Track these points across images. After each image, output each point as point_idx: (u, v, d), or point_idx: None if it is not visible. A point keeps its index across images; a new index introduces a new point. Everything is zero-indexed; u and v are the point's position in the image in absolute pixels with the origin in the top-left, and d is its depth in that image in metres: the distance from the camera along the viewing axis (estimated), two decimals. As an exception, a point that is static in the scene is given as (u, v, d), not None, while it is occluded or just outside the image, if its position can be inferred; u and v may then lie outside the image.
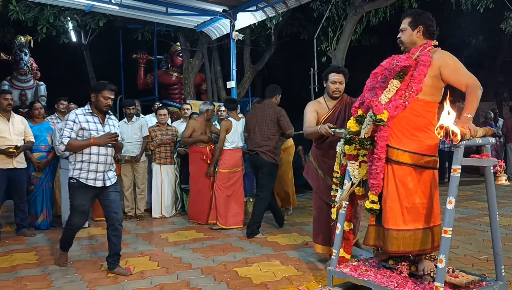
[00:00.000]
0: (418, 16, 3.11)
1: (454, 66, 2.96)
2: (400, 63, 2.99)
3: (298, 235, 5.22)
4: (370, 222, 3.27)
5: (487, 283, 2.97)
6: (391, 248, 3.00)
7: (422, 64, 2.97)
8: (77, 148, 3.81)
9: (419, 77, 2.95)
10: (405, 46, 3.16)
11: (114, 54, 14.22)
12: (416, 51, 3.06)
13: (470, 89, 2.86)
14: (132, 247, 4.79)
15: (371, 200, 3.11)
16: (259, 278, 3.71)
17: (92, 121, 3.89)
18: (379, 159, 2.98)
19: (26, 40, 9.77)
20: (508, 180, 3.13)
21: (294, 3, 6.42)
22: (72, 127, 3.81)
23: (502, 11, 9.66)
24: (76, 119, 3.84)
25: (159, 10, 6.77)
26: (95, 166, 3.85)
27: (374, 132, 3.02)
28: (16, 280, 3.77)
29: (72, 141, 3.80)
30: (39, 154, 5.66)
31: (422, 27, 3.09)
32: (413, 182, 2.98)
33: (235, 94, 7.13)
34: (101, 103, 3.87)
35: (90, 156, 3.84)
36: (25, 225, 5.47)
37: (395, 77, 3.03)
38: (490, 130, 2.86)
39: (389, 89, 3.03)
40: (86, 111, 3.91)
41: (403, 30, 3.15)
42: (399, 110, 2.96)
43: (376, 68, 3.19)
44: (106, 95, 3.85)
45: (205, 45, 11.49)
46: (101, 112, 3.94)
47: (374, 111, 2.95)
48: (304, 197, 8.00)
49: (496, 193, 3.05)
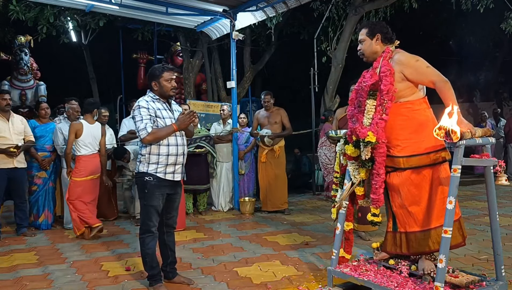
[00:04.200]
0: (374, 25, 3.23)
1: (414, 66, 2.99)
2: (367, 83, 3.08)
3: (298, 235, 5.22)
4: (387, 228, 3.32)
5: (487, 283, 2.97)
6: (423, 249, 3.03)
7: (384, 75, 3.02)
8: (161, 137, 3.32)
9: (386, 88, 2.99)
10: (366, 56, 3.24)
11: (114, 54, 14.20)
12: (377, 64, 3.12)
13: (438, 87, 2.89)
14: (132, 247, 4.79)
15: (373, 213, 3.17)
16: (259, 278, 3.71)
17: (162, 108, 3.43)
18: (378, 175, 3.03)
19: (26, 40, 9.77)
20: (508, 180, 3.13)
21: (294, 3, 6.41)
22: (150, 114, 3.32)
23: (502, 11, 9.66)
24: (147, 105, 3.35)
25: (159, 10, 6.77)
26: (174, 159, 3.40)
27: (373, 150, 3.05)
28: (16, 280, 3.77)
29: (155, 130, 3.30)
30: (43, 154, 5.68)
31: (380, 35, 3.17)
32: (426, 181, 3.00)
33: (235, 94, 7.12)
34: (166, 89, 3.41)
35: (168, 148, 3.37)
36: (25, 225, 5.47)
37: (368, 97, 3.11)
38: (490, 131, 2.86)
39: (367, 110, 3.10)
40: (153, 97, 3.44)
41: (362, 41, 3.24)
42: (381, 125, 3.00)
43: (351, 94, 3.30)
44: (168, 77, 3.41)
45: (205, 45, 11.48)
46: (166, 98, 3.49)
47: (360, 137, 3.01)
48: (304, 197, 8.00)
49: (496, 193, 3.05)
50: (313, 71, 8.89)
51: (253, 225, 5.83)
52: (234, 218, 6.36)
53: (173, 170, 3.42)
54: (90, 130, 5.28)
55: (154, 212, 3.39)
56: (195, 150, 6.38)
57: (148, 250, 3.40)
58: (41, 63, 10.31)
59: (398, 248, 3.18)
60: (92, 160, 5.30)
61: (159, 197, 3.38)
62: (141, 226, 3.45)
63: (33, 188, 5.67)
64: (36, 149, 5.58)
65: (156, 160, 3.35)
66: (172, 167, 3.41)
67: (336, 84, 9.36)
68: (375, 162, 3.03)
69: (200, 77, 12.93)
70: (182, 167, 3.51)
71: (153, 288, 3.43)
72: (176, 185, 3.52)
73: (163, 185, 3.40)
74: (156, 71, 3.44)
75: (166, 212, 3.54)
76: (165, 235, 3.57)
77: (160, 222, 3.51)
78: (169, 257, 3.60)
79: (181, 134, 3.49)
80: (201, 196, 6.67)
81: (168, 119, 3.41)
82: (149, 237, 3.40)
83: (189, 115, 3.38)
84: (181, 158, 3.46)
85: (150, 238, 3.40)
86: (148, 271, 3.46)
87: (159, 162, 3.35)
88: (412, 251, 3.11)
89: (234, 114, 6.99)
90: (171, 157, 3.38)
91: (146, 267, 3.46)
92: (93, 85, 13.97)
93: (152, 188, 3.35)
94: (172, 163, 3.40)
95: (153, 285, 3.43)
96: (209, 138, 6.70)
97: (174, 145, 3.40)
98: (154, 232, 3.42)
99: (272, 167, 6.56)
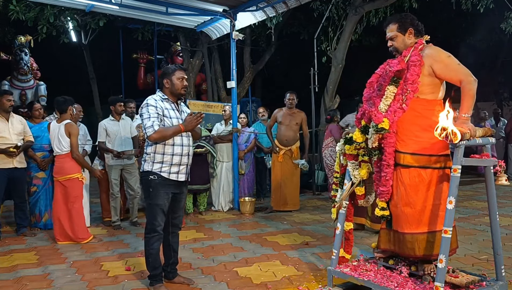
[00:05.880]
0: (404, 20, 3.11)
1: (445, 62, 2.93)
2: (393, 68, 2.99)
3: (298, 235, 5.22)
4: (381, 225, 3.29)
5: (487, 283, 2.97)
6: (408, 252, 3.01)
7: (413, 64, 2.96)
8: (167, 136, 3.33)
9: (412, 78, 2.94)
10: (400, 52, 3.13)
11: (114, 54, 14.20)
12: (407, 53, 3.05)
13: (463, 86, 2.84)
14: (132, 247, 4.79)
15: (381, 207, 3.10)
16: (259, 278, 3.71)
17: (170, 108, 3.43)
18: (388, 166, 2.98)
19: (26, 40, 9.77)
20: (508, 180, 3.13)
21: (294, 3, 6.40)
22: (158, 112, 3.33)
23: (502, 11, 9.66)
24: (156, 104, 3.35)
25: (159, 10, 6.77)
26: (179, 159, 3.40)
27: (381, 140, 3.02)
28: (16, 280, 3.77)
29: (162, 129, 3.30)
30: (42, 153, 5.67)
31: (413, 29, 3.09)
32: (424, 184, 2.95)
33: (235, 94, 7.12)
34: (177, 87, 3.42)
35: (173, 148, 3.37)
36: (25, 225, 5.47)
37: (390, 83, 3.03)
38: (490, 130, 2.86)
39: (386, 96, 3.03)
40: (162, 97, 3.45)
41: (394, 37, 3.13)
42: (398, 114, 2.96)
43: (371, 76, 3.19)
44: (180, 76, 3.43)
45: (205, 45, 11.48)
46: (176, 97, 3.50)
47: (374, 121, 2.95)
48: (304, 197, 8.00)
49: (496, 193, 3.05)
50: (313, 71, 8.89)
51: (253, 225, 5.83)
52: (234, 218, 6.36)
53: (177, 170, 3.41)
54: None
55: (160, 211, 3.37)
56: (196, 150, 6.38)
57: (152, 250, 3.39)
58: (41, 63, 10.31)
59: (392, 245, 3.15)
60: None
61: (164, 196, 3.37)
62: (146, 225, 3.44)
63: (32, 189, 5.67)
64: (33, 149, 5.57)
65: (161, 159, 3.35)
66: (177, 167, 3.40)
67: (336, 84, 9.36)
68: (385, 153, 2.98)
69: (200, 77, 12.94)
70: (186, 168, 3.50)
71: (153, 288, 3.43)
72: (181, 185, 3.51)
73: (168, 184, 3.39)
74: (169, 69, 3.48)
75: (172, 212, 3.54)
76: (170, 235, 3.57)
77: (166, 222, 3.50)
78: (172, 258, 3.61)
79: (187, 135, 3.49)
80: (201, 196, 6.66)
81: (175, 119, 3.40)
82: (154, 237, 3.39)
83: (196, 117, 3.39)
84: (185, 159, 3.45)
85: (155, 238, 3.39)
86: (150, 271, 3.46)
87: (164, 161, 3.36)
88: (401, 252, 3.08)
89: (234, 114, 6.99)
90: (175, 157, 3.38)
91: (149, 267, 3.46)
92: (93, 85, 13.97)
93: (156, 186, 3.35)
94: (176, 163, 3.40)
95: (153, 285, 3.43)
96: (209, 138, 6.70)
97: (180, 145, 3.40)
98: (160, 232, 3.40)
99: (288, 167, 6.62)
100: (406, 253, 3.03)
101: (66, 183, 5.00)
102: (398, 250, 3.10)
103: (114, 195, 5.74)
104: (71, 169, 5.01)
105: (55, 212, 5.07)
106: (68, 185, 5.00)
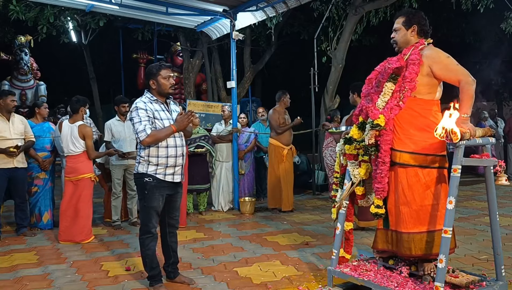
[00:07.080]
0: (412, 15, 3.12)
1: (444, 62, 2.94)
2: (392, 65, 3.01)
3: (298, 235, 5.22)
4: (378, 225, 3.29)
5: (487, 283, 2.97)
6: (405, 252, 3.01)
7: (412, 63, 2.97)
8: (160, 139, 3.30)
9: (410, 76, 2.95)
10: (398, 45, 3.16)
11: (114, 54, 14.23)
12: (407, 51, 3.06)
13: (462, 86, 2.84)
14: (132, 247, 4.79)
15: (376, 205, 3.09)
16: (259, 278, 3.71)
17: (160, 109, 3.38)
18: (384, 163, 2.98)
19: (26, 40, 9.80)
20: (508, 180, 3.13)
21: (294, 3, 6.40)
22: (148, 115, 3.29)
23: (502, 11, 9.66)
24: (145, 106, 3.31)
25: (159, 10, 6.77)
26: (174, 160, 3.38)
27: (377, 137, 3.02)
28: (16, 280, 3.77)
29: (155, 132, 3.28)
30: (44, 154, 5.68)
31: (416, 27, 3.09)
32: (420, 183, 2.95)
33: (235, 94, 7.12)
34: (164, 87, 3.36)
35: (167, 150, 3.34)
36: (25, 225, 5.47)
37: (388, 80, 3.05)
38: (490, 130, 2.86)
39: (384, 92, 3.05)
40: (150, 98, 3.39)
41: (397, 30, 3.15)
42: (394, 111, 2.97)
43: (371, 73, 3.19)
44: (166, 75, 3.36)
45: (205, 45, 11.49)
46: (165, 97, 3.45)
47: (370, 117, 2.97)
48: (304, 197, 8.00)
49: (496, 193, 3.05)
50: (313, 71, 8.89)
51: (253, 225, 5.83)
52: (234, 218, 6.35)
53: (172, 171, 3.40)
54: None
55: (154, 214, 3.37)
56: (195, 150, 6.38)
57: (148, 251, 3.39)
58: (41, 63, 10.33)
59: (390, 245, 3.15)
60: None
61: (159, 198, 3.36)
62: (141, 227, 3.45)
63: (33, 189, 5.66)
64: (35, 149, 5.57)
65: (156, 162, 3.33)
66: (172, 168, 3.39)
67: (336, 84, 9.36)
68: (381, 150, 2.99)
69: (200, 77, 12.95)
70: (181, 169, 3.49)
71: (153, 288, 3.43)
72: (176, 186, 3.51)
73: (163, 186, 3.37)
74: (153, 69, 3.39)
75: (168, 212, 3.53)
76: (167, 236, 3.56)
77: (163, 223, 3.52)
78: (171, 257, 3.60)
79: (180, 135, 3.46)
80: (202, 196, 6.66)
81: (166, 121, 3.37)
82: (148, 238, 3.39)
83: (187, 116, 3.36)
84: (180, 160, 3.44)
85: (150, 239, 3.39)
86: (148, 272, 3.46)
87: (159, 163, 3.34)
88: (399, 252, 3.07)
89: (234, 114, 6.98)
90: (170, 158, 3.37)
91: (146, 267, 3.46)
92: (93, 85, 13.99)
93: (151, 189, 3.33)
94: (171, 165, 3.38)
95: (153, 285, 3.43)
96: (208, 138, 6.70)
97: (173, 146, 3.38)
98: (154, 233, 3.40)
99: (288, 166, 6.66)
100: (403, 252, 3.03)
101: (78, 182, 5.04)
102: (396, 250, 3.10)
103: (116, 194, 5.74)
104: (84, 169, 5.06)
105: (62, 210, 5.09)
106: (80, 184, 5.04)
